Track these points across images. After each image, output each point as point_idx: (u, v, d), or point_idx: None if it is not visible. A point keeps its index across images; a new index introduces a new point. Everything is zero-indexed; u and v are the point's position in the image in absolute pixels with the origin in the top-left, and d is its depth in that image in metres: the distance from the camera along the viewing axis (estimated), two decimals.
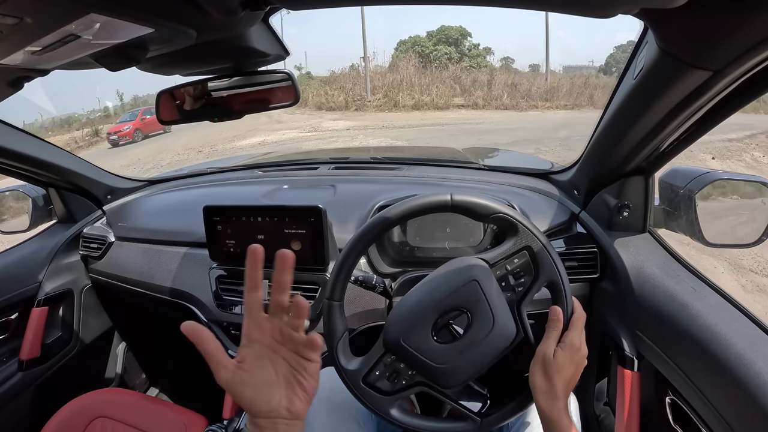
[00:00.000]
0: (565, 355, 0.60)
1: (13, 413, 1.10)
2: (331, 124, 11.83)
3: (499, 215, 0.65)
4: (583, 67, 21.15)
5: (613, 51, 22.39)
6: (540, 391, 0.59)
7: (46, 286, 1.20)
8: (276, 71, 0.76)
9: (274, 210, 0.95)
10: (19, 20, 0.39)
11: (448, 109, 14.02)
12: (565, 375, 0.60)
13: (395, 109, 13.98)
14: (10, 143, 1.00)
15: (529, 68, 19.84)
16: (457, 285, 0.64)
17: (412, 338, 0.64)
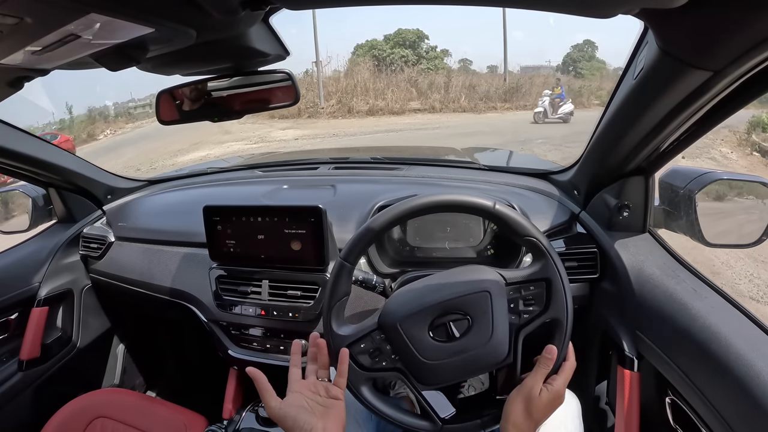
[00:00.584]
0: (549, 398, 0.61)
1: (13, 413, 1.10)
2: (281, 133, 11.11)
3: (533, 240, 0.65)
4: (541, 67, 20.73)
5: (569, 50, 22.26)
6: (512, 422, 0.60)
7: (46, 286, 1.20)
8: (276, 71, 0.76)
9: (274, 210, 0.95)
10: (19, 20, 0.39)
11: (404, 113, 13.43)
12: (541, 416, 0.61)
13: (349, 116, 13.31)
14: (10, 143, 1.00)
15: (488, 69, 19.37)
16: (469, 290, 0.65)
17: (408, 325, 0.64)
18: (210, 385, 1.26)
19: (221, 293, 1.02)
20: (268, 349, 1.02)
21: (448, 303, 0.65)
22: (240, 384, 1.17)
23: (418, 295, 0.67)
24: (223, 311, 1.02)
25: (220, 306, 1.02)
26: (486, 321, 0.64)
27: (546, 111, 10.76)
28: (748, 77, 0.52)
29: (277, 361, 1.01)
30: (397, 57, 17.07)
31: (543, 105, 10.84)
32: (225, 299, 1.01)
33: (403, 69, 16.09)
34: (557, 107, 10.91)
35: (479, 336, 0.64)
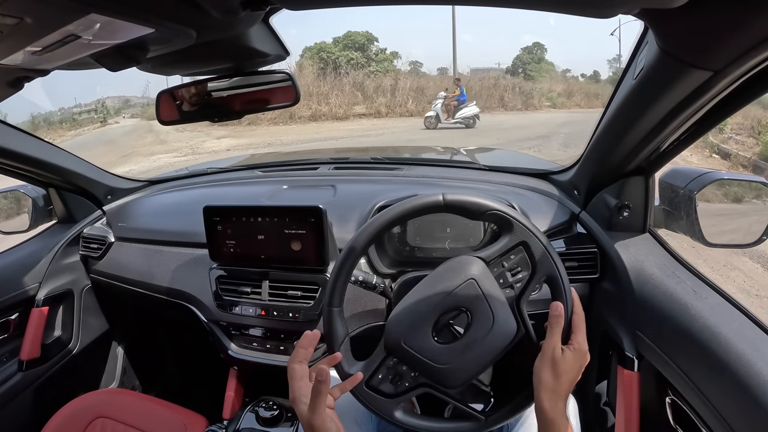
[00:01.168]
0: (574, 356, 0.60)
1: (13, 413, 1.10)
2: (214, 144, 10.22)
3: (494, 212, 0.65)
4: (490, 69, 20.85)
5: (519, 53, 22.28)
6: (546, 389, 0.59)
7: (46, 287, 1.20)
8: (276, 71, 0.76)
9: (274, 210, 0.95)
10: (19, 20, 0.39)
11: (348, 119, 12.81)
12: (571, 376, 0.60)
13: (291, 122, 12.46)
14: (10, 143, 1.00)
15: (438, 72, 19.21)
16: (455, 284, 0.64)
17: (412, 340, 0.64)
18: (210, 385, 1.26)
19: (221, 293, 1.02)
20: (268, 349, 1.03)
21: (439, 305, 0.65)
22: (240, 384, 1.17)
23: (409, 308, 0.67)
24: (223, 311, 1.02)
25: (220, 306, 1.02)
26: (483, 307, 0.64)
27: (438, 115, 9.79)
28: (748, 77, 0.52)
29: (277, 362, 1.01)
30: (346, 60, 16.60)
31: (435, 108, 9.81)
32: (225, 299, 1.01)
33: (348, 72, 15.49)
34: (454, 110, 9.94)
35: (482, 323, 0.64)
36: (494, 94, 14.95)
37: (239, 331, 1.04)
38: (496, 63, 25.70)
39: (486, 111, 12.84)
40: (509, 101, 15.06)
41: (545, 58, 22.65)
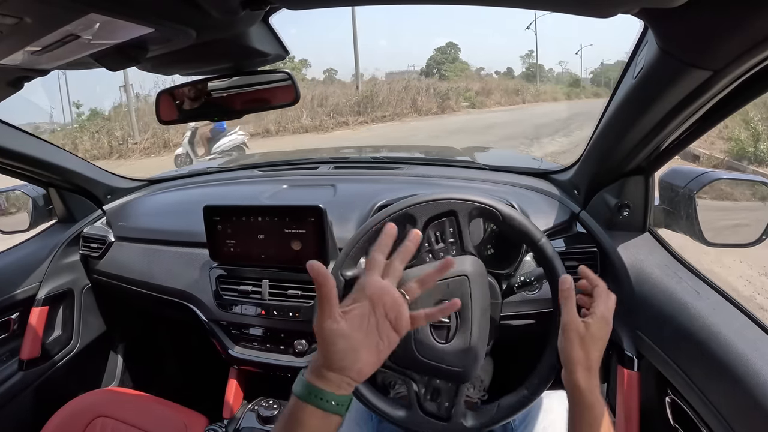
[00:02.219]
0: (599, 326, 0.58)
1: (13, 413, 1.10)
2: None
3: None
4: (406, 72, 20.63)
5: (433, 53, 22.06)
6: (580, 367, 0.56)
7: (46, 286, 1.20)
8: (276, 71, 0.75)
9: (274, 210, 0.95)
10: (19, 20, 0.39)
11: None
12: (600, 345, 0.58)
13: (165, 151, 9.98)
14: (10, 143, 1.00)
15: (352, 78, 17.89)
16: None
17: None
18: (210, 384, 1.26)
19: (221, 293, 1.02)
20: (269, 349, 1.03)
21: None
22: (240, 383, 1.17)
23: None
24: (224, 311, 1.02)
25: (220, 306, 1.02)
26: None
27: (189, 153, 7.03)
28: (748, 76, 0.52)
29: (278, 361, 1.01)
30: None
31: (184, 144, 7.04)
32: (225, 299, 1.01)
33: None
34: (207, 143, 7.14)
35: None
36: (405, 98, 13.21)
37: (239, 330, 1.04)
38: (411, 65, 24.90)
39: (396, 119, 11.70)
40: (423, 105, 13.45)
41: (459, 57, 22.36)
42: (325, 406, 0.44)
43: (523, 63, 24.54)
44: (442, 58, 21.85)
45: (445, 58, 21.86)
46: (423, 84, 15.03)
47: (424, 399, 0.68)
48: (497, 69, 25.11)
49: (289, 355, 1.00)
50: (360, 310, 0.47)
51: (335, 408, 0.45)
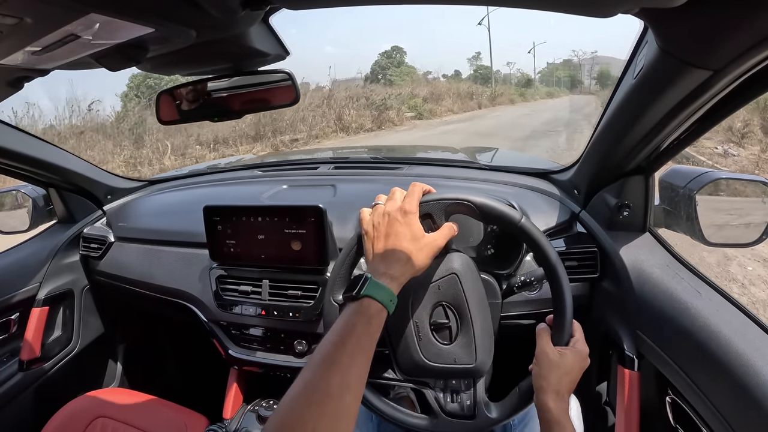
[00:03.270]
0: (574, 357, 0.62)
1: (13, 413, 1.10)
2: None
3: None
4: (354, 79, 20.11)
5: (377, 58, 21.54)
6: (550, 390, 0.60)
7: (46, 286, 1.20)
8: (276, 71, 0.75)
9: (274, 210, 0.95)
10: (19, 20, 0.39)
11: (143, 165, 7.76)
12: (573, 376, 0.61)
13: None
14: (10, 143, 1.00)
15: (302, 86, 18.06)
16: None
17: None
18: (210, 384, 1.27)
19: (221, 293, 1.02)
20: (269, 349, 1.03)
21: (463, 308, 0.67)
22: (240, 383, 1.17)
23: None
24: (224, 311, 1.02)
25: (220, 306, 1.02)
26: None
27: None
28: (748, 76, 0.52)
29: (278, 361, 1.01)
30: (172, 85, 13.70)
31: None
32: (225, 299, 1.01)
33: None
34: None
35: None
36: (327, 114, 10.40)
37: (239, 330, 1.04)
38: (358, 72, 23.35)
39: (314, 141, 9.48)
40: (353, 120, 10.64)
41: (405, 61, 21.54)
42: (388, 304, 0.54)
43: (471, 65, 24.04)
44: (387, 62, 21.27)
45: (391, 62, 21.29)
46: (355, 93, 11.95)
47: (445, 402, 0.68)
48: (445, 72, 24.43)
49: (289, 355, 1.01)
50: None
51: (391, 305, 0.55)
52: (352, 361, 0.47)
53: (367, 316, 0.51)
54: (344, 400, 0.45)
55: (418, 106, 13.92)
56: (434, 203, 0.65)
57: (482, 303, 0.69)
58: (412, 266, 0.58)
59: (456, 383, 0.69)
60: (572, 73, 64.40)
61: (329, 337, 0.50)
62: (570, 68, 66.08)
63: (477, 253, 0.98)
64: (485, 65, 32.38)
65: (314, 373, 0.46)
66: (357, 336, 0.49)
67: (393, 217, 0.59)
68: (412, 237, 0.58)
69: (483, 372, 0.68)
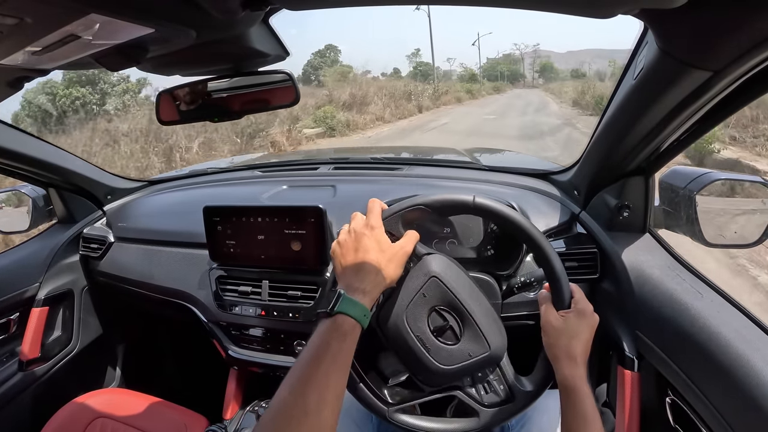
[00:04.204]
0: (579, 318, 0.62)
1: (13, 413, 1.10)
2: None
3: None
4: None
5: (310, 58, 20.62)
6: (562, 356, 0.60)
7: (46, 286, 1.20)
8: (276, 71, 0.75)
9: (274, 210, 0.95)
10: (19, 20, 0.39)
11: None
12: (584, 337, 0.61)
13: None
14: (10, 143, 1.00)
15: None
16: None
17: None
18: (210, 385, 1.26)
19: (221, 293, 1.02)
20: (269, 349, 1.03)
21: (466, 312, 0.67)
22: (240, 384, 1.17)
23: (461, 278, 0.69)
24: (223, 311, 1.02)
25: (220, 306, 1.02)
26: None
27: None
28: (748, 77, 0.52)
29: (278, 362, 1.01)
30: (71, 100, 12.35)
31: None
32: (225, 299, 1.01)
33: (79, 111, 11.15)
34: None
35: (448, 357, 0.65)
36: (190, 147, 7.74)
37: (239, 331, 1.04)
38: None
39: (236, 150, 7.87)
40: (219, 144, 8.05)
41: (340, 60, 20.12)
42: (362, 319, 0.54)
43: (410, 62, 23.06)
44: (320, 62, 20.24)
45: (324, 61, 20.38)
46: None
47: (481, 397, 0.68)
48: (383, 71, 23.36)
49: (289, 355, 1.00)
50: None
51: (365, 320, 0.55)
52: (327, 379, 0.48)
53: (341, 333, 0.52)
54: (322, 415, 0.45)
55: (328, 117, 10.23)
56: (391, 217, 0.67)
57: (473, 291, 0.69)
58: (384, 277, 0.59)
59: (482, 374, 0.68)
60: (513, 67, 63.95)
61: (305, 355, 0.50)
62: (511, 62, 65.65)
63: (477, 253, 0.98)
64: (425, 62, 31.01)
65: (291, 392, 0.47)
66: (332, 353, 0.50)
67: (359, 233, 0.61)
68: (379, 249, 0.60)
69: (501, 354, 0.67)
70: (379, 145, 7.87)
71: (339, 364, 0.50)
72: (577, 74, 47.99)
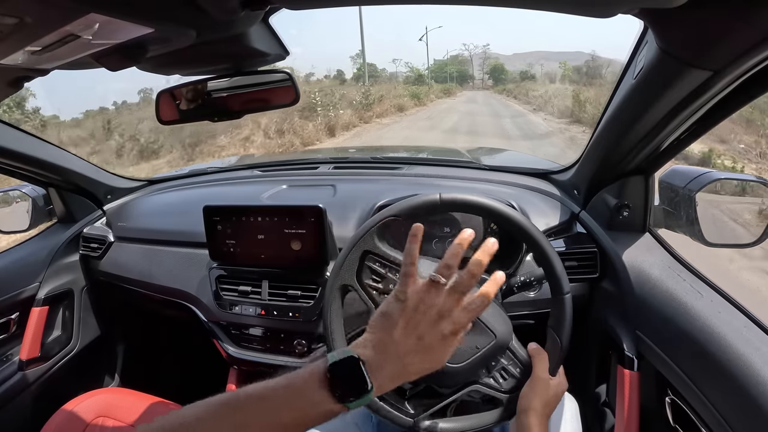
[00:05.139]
0: (558, 387, 0.65)
1: (13, 413, 1.10)
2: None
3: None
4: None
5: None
6: (534, 414, 0.62)
7: (46, 286, 1.20)
8: (276, 71, 0.76)
9: (274, 210, 0.95)
10: (19, 20, 0.39)
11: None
12: (554, 403, 0.64)
13: None
14: (10, 143, 1.00)
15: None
16: (486, 320, 0.66)
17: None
18: (210, 384, 1.26)
19: (221, 293, 1.02)
20: (269, 349, 1.03)
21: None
22: (240, 383, 1.16)
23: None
24: (223, 311, 1.02)
25: (220, 306, 1.02)
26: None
27: None
28: (747, 77, 0.52)
29: (277, 361, 1.01)
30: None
31: None
32: (225, 299, 1.01)
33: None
34: None
35: (455, 355, 0.65)
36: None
37: (239, 330, 1.04)
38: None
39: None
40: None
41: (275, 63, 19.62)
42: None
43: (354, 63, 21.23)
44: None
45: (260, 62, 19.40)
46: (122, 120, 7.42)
47: (501, 384, 0.68)
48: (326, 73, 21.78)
49: (289, 355, 1.01)
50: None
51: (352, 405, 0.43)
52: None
53: (322, 412, 0.42)
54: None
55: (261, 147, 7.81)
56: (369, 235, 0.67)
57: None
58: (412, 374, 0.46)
59: (495, 362, 0.68)
60: (462, 68, 62.75)
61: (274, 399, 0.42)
62: (459, 63, 64.39)
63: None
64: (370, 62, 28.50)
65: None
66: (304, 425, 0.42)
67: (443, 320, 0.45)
68: (446, 345, 0.45)
69: (509, 338, 0.67)
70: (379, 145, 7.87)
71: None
72: (527, 76, 47.43)
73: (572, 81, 26.71)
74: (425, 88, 22.99)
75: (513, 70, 60.01)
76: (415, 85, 22.91)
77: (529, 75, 47.77)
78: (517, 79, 45.48)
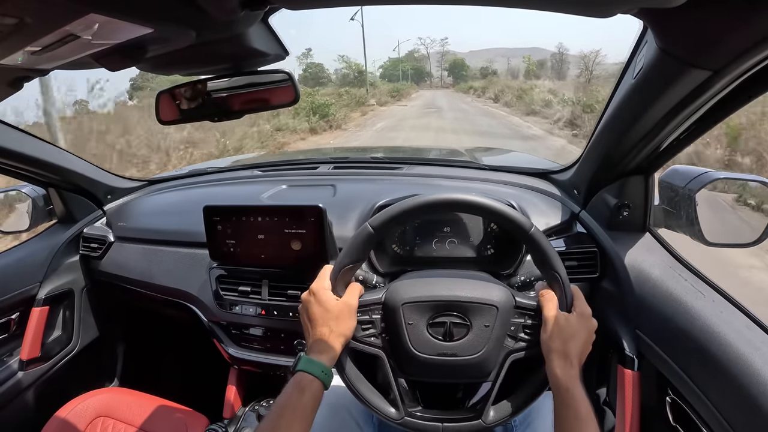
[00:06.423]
0: (579, 320, 0.62)
1: (13, 413, 1.10)
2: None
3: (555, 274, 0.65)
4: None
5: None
6: (556, 355, 0.60)
7: (47, 286, 1.20)
8: (276, 71, 0.75)
9: (274, 210, 0.95)
10: (19, 20, 0.39)
11: None
12: (579, 341, 0.61)
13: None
14: (10, 143, 1.00)
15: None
16: (480, 299, 0.66)
17: (410, 310, 0.66)
18: (211, 384, 1.27)
19: (221, 293, 1.02)
20: (269, 349, 1.03)
21: (455, 303, 0.66)
22: (240, 383, 1.17)
23: (428, 284, 0.68)
24: (224, 311, 1.02)
25: (220, 306, 1.02)
26: (484, 334, 0.65)
27: None
28: (747, 76, 0.52)
29: (278, 361, 1.01)
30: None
31: None
32: (225, 299, 1.01)
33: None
34: None
35: (473, 346, 0.65)
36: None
37: (239, 330, 1.04)
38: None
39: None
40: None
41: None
42: (321, 375, 0.61)
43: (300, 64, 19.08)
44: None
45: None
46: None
47: (530, 342, 0.67)
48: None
49: (289, 355, 1.01)
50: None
51: (324, 376, 0.61)
52: (290, 428, 0.56)
53: (300, 388, 0.59)
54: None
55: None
56: (335, 276, 0.69)
57: (444, 281, 0.69)
58: (338, 334, 0.64)
59: (514, 327, 0.67)
60: (419, 65, 59.69)
61: (274, 409, 0.58)
62: (416, 60, 61.06)
63: (477, 252, 0.98)
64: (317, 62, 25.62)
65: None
66: (292, 407, 0.58)
67: (306, 300, 0.68)
68: (324, 310, 0.65)
69: (510, 299, 0.67)
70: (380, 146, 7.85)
71: (299, 414, 0.58)
72: (487, 72, 46.47)
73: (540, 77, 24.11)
74: (361, 90, 16.16)
75: (473, 66, 58.23)
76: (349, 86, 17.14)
77: (490, 71, 46.73)
78: (477, 76, 44.05)
